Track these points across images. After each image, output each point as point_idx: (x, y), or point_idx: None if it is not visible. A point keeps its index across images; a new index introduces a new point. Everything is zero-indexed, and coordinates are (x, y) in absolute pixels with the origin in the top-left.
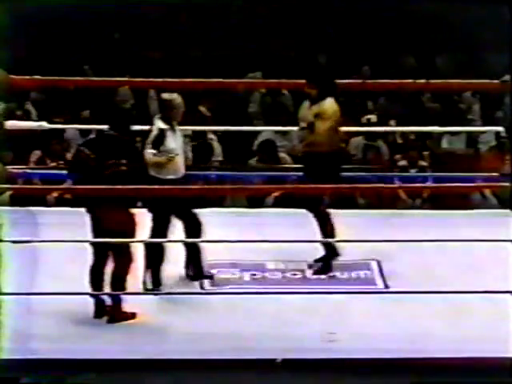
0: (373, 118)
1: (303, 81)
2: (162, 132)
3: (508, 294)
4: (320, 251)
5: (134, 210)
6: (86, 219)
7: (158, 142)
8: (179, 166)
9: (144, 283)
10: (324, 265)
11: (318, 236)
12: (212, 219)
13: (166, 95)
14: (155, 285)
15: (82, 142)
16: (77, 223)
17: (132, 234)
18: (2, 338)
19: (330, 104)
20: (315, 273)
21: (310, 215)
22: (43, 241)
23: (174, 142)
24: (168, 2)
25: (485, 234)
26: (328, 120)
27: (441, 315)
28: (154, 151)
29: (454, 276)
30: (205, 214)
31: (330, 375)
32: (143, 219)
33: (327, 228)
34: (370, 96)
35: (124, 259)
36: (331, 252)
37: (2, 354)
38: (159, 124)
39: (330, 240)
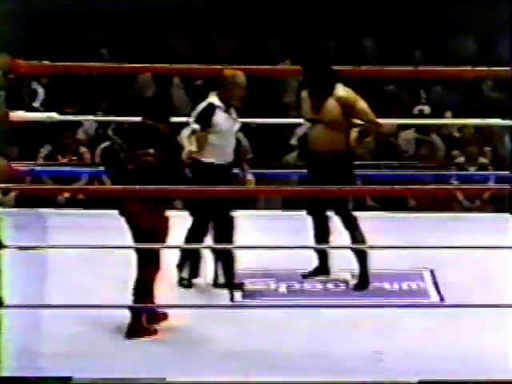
0: (426, 109)
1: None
2: (211, 107)
3: None
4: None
5: (168, 213)
6: (101, 222)
7: (204, 117)
8: (225, 150)
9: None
10: (361, 277)
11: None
12: (243, 223)
13: (229, 71)
14: (191, 276)
15: (114, 132)
16: (90, 226)
17: (163, 239)
18: (3, 355)
19: (346, 91)
20: (355, 288)
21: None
22: (53, 246)
23: (226, 124)
24: None
25: None
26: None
27: (502, 332)
28: (196, 127)
29: None
30: (235, 217)
31: None
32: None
33: (357, 233)
34: (422, 84)
35: (150, 267)
36: (364, 259)
37: (2, 372)
38: (213, 99)
39: (379, 247)
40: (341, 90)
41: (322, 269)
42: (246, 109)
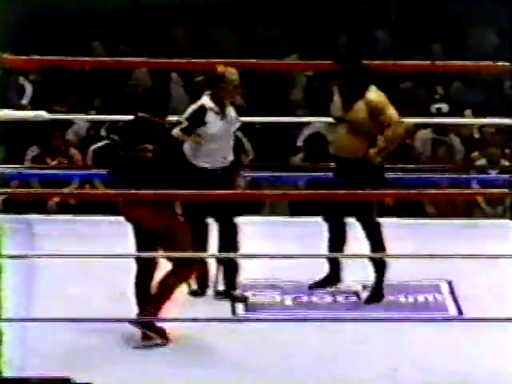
0: (444, 107)
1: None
2: (202, 109)
3: None
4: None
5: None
6: (93, 229)
7: (193, 120)
8: (219, 154)
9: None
10: (376, 289)
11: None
12: (247, 229)
13: (220, 67)
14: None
15: (109, 131)
16: (82, 234)
17: (186, 238)
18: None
19: (377, 95)
20: (367, 301)
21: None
22: (42, 255)
23: (219, 127)
24: None
25: None
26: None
27: None
28: (178, 132)
29: None
30: (239, 224)
31: None
32: None
33: (378, 243)
34: (440, 81)
35: (184, 269)
36: (382, 271)
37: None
38: (204, 100)
39: (393, 255)
40: (372, 94)
41: (332, 278)
42: (249, 107)
